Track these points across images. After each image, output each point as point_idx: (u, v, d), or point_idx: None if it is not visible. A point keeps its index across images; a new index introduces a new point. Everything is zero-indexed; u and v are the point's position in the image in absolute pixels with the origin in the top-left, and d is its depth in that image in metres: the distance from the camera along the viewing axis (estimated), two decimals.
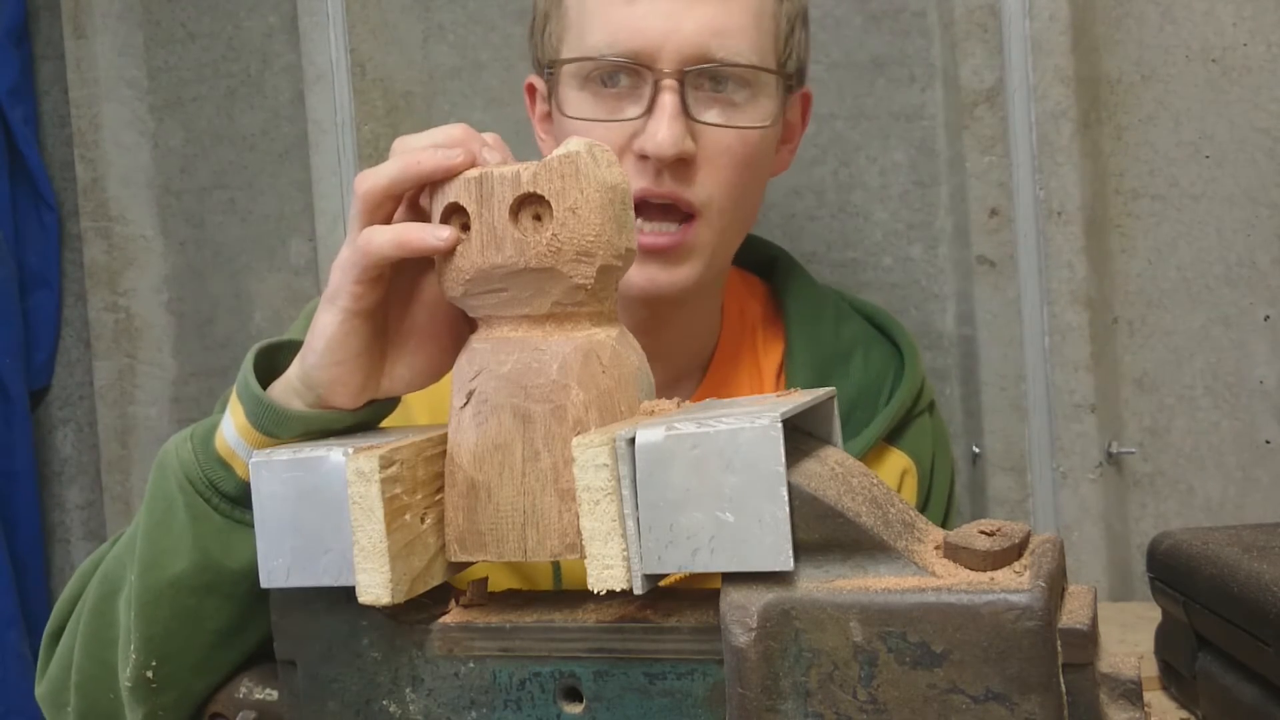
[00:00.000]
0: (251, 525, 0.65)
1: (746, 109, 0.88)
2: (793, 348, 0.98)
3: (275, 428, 0.68)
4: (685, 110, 0.84)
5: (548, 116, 0.96)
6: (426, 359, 0.69)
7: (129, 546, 0.74)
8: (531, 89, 0.98)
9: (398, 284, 0.68)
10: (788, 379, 0.97)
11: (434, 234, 0.62)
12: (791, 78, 0.93)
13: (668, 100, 0.84)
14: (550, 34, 0.91)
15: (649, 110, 0.84)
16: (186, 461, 0.70)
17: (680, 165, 0.85)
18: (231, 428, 0.69)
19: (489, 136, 0.66)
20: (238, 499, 0.69)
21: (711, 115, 0.86)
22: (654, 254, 0.86)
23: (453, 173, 0.63)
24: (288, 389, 0.69)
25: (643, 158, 0.85)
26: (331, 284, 0.66)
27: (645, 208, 0.86)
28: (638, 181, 0.85)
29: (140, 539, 0.72)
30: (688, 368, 0.97)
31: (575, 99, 0.88)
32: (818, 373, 0.96)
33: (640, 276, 0.87)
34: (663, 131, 0.83)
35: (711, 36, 0.85)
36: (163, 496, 0.71)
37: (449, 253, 0.63)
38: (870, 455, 0.94)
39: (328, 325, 0.66)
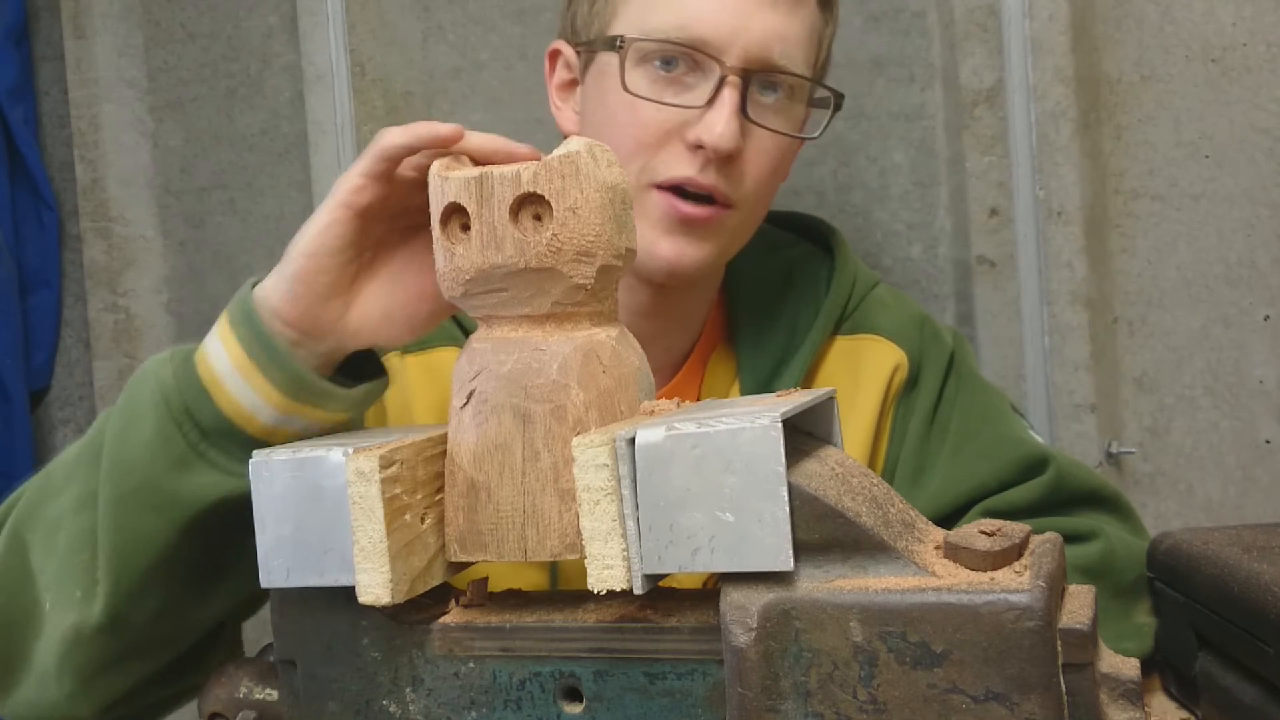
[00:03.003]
0: (214, 463, 0.68)
1: (788, 116, 0.91)
2: (733, 288, 1.00)
3: (263, 355, 0.69)
4: (742, 108, 0.86)
5: (568, 85, 0.96)
6: (399, 312, 0.70)
7: (72, 469, 0.74)
8: (555, 54, 0.98)
9: (394, 230, 0.70)
10: (731, 322, 0.99)
11: (444, 127, 0.66)
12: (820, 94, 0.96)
13: (730, 96, 0.86)
14: (599, 6, 0.91)
15: (709, 102, 0.86)
16: (165, 382, 0.70)
17: (727, 160, 0.87)
18: (224, 357, 0.70)
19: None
20: (209, 431, 0.69)
21: (763, 118, 0.88)
22: (688, 225, 0.88)
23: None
24: (266, 303, 0.71)
25: (696, 147, 0.86)
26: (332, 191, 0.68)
27: (682, 194, 0.88)
28: (681, 169, 0.87)
29: (106, 454, 0.71)
30: (662, 364, 0.97)
31: (630, 75, 0.88)
32: (757, 302, 0.99)
33: (669, 249, 0.88)
34: (722, 125, 0.85)
35: (776, 42, 0.87)
36: (131, 409, 0.71)
37: (451, 140, 0.66)
38: (837, 346, 0.98)
39: (317, 215, 0.68)
